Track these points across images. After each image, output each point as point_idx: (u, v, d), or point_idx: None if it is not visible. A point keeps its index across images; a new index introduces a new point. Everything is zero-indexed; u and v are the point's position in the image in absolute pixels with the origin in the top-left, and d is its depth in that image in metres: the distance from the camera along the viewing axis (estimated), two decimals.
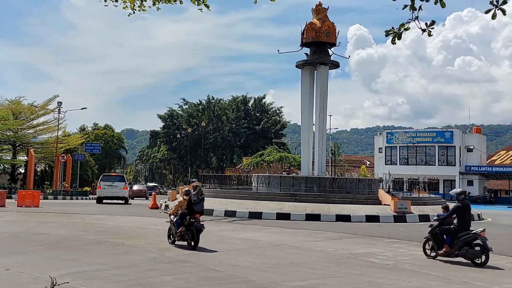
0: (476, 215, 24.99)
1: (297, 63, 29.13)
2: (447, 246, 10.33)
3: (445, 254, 10.37)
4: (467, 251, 10.02)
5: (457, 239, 10.18)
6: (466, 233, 10.15)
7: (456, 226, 10.38)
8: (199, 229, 11.27)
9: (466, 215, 10.52)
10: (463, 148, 55.34)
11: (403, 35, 5.03)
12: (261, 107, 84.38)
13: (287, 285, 7.50)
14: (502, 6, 4.56)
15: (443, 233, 10.55)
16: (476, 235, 10.04)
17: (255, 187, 27.32)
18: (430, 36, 4.96)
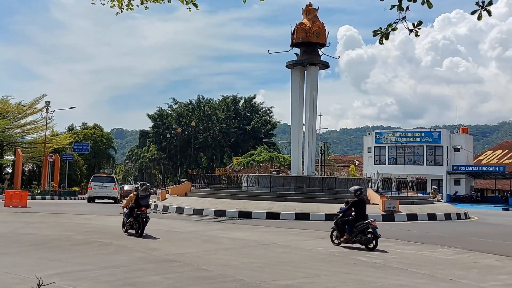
0: (463, 214, 25.24)
1: (287, 63, 29.18)
2: (347, 234, 12.13)
3: (345, 241, 12.13)
4: (361, 237, 11.83)
5: (355, 228, 11.96)
6: (361, 223, 11.93)
7: (354, 217, 12.15)
8: (144, 220, 13.40)
9: (361, 208, 12.34)
10: (450, 148, 55.78)
11: (392, 35, 5.07)
12: (252, 107, 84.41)
13: (276, 284, 7.52)
14: (487, 7, 4.62)
15: (344, 224, 12.26)
16: (368, 224, 11.86)
17: (245, 187, 27.34)
18: (417, 37, 5.01)
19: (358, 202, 12.40)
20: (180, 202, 24.69)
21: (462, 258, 10.90)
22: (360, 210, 12.29)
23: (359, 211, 12.24)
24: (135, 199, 13.75)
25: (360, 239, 11.84)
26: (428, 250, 11.94)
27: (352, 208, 12.37)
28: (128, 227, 13.83)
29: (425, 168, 54.65)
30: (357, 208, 12.29)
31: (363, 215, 12.26)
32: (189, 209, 22.86)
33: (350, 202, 12.52)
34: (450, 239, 14.66)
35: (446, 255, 11.31)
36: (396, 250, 11.88)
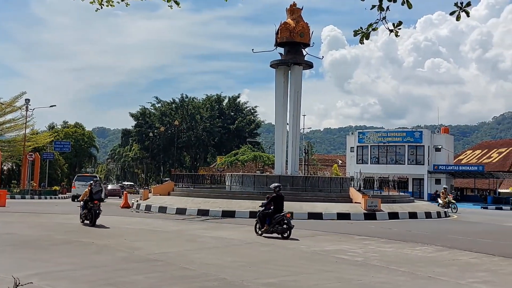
0: (443, 212, 25.59)
1: (271, 62, 29.23)
2: (267, 225, 13.73)
3: (265, 231, 13.74)
4: (277, 228, 13.52)
5: (273, 220, 13.57)
6: (278, 215, 13.56)
7: (273, 210, 13.76)
8: (96, 211, 15.81)
9: (279, 202, 13.96)
10: (431, 147, 56.41)
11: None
12: (236, 106, 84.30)
13: (259, 282, 7.56)
14: (465, 8, 4.70)
15: (264, 216, 13.88)
16: (284, 216, 13.53)
17: (228, 186, 27.34)
18: (397, 37, 5.08)
19: (276, 198, 14.04)
20: (163, 201, 24.59)
21: (441, 255, 11.06)
22: (278, 204, 13.91)
23: (277, 205, 13.87)
24: (89, 194, 16.01)
25: (277, 229, 13.55)
26: (408, 248, 12.10)
27: (271, 203, 13.96)
28: (83, 218, 16.08)
29: (406, 168, 55.19)
30: (276, 203, 13.94)
31: (280, 208, 13.87)
32: (172, 208, 22.80)
33: (270, 198, 14.12)
34: (430, 237, 14.85)
35: (426, 252, 11.47)
36: (377, 248, 12.00)
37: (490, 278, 8.37)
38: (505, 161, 61.18)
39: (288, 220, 13.50)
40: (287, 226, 13.42)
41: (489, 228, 19.88)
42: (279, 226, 13.54)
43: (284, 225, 13.44)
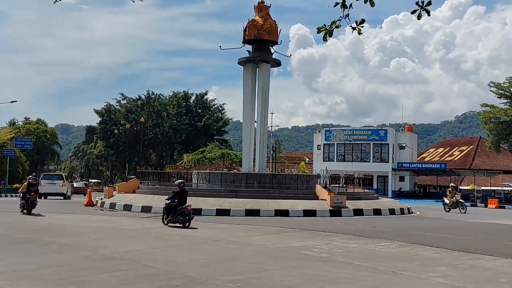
0: (406, 209, 26.12)
1: (239, 60, 29.19)
2: (171, 216, 15.69)
3: (170, 221, 15.66)
4: (179, 218, 15.45)
5: (177, 211, 15.53)
6: (180, 208, 15.48)
7: (176, 203, 15.70)
8: (32, 202, 18.71)
9: (182, 196, 15.88)
10: (396, 145, 57.50)
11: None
12: (203, 104, 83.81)
13: (224, 279, 7.55)
14: (426, 7, 4.80)
15: (169, 208, 15.84)
16: (185, 209, 15.39)
17: (195, 183, 27.21)
18: (360, 34, 5.15)
19: (180, 192, 16.06)
20: (128, 199, 24.29)
21: (404, 251, 11.29)
22: (181, 198, 15.83)
23: (180, 199, 15.79)
24: (27, 186, 18.90)
25: (179, 219, 15.48)
26: (372, 244, 12.30)
27: (175, 197, 15.97)
28: (22, 208, 18.87)
29: (371, 165, 56.09)
30: (179, 197, 15.90)
31: (183, 202, 15.72)
32: (137, 206, 22.54)
33: (175, 192, 16.27)
34: (394, 233, 15.14)
35: (389, 248, 11.69)
36: (342, 244, 12.16)
37: (449, 273, 8.58)
38: (466, 159, 62.95)
39: (189, 212, 15.42)
40: (187, 217, 15.36)
41: (450, 224, 20.38)
42: (181, 217, 15.48)
43: (186, 217, 15.36)
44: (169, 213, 15.80)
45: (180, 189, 16.15)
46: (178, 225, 15.31)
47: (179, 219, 15.43)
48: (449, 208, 27.65)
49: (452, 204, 27.39)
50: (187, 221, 15.34)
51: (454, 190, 28.56)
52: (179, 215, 15.46)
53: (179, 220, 15.43)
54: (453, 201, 27.51)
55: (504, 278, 8.20)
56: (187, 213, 15.34)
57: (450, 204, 27.60)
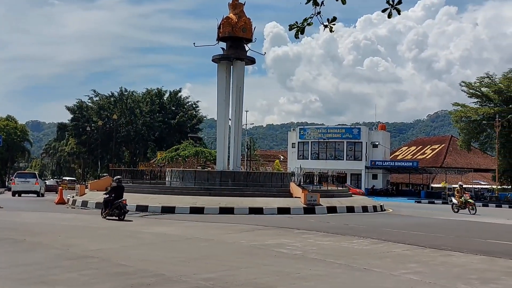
0: (379, 206, 26.43)
1: (213, 57, 29.05)
2: (108, 209, 17.15)
3: (107, 214, 17.16)
4: (115, 211, 16.98)
5: (113, 205, 17.07)
6: (116, 202, 17.03)
7: (113, 198, 17.19)
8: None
9: (118, 191, 17.48)
10: (369, 144, 58.16)
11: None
12: (177, 101, 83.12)
13: (197, 277, 7.50)
14: (397, 6, 4.83)
15: (107, 202, 17.36)
16: (120, 203, 17.01)
17: (169, 181, 27.02)
18: (332, 32, 5.16)
19: (116, 187, 17.65)
20: (100, 197, 23.77)
21: (376, 248, 11.41)
22: (117, 193, 17.38)
23: (117, 194, 17.34)
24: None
25: (115, 212, 16.96)
26: (345, 241, 12.39)
27: (112, 192, 17.54)
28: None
29: (345, 163, 56.63)
30: (116, 192, 17.46)
31: (119, 196, 17.23)
32: None
33: (111, 187, 18.00)
34: (367, 230, 15.29)
35: (362, 245, 11.80)
36: (316, 241, 12.22)
37: (421, 269, 8.70)
38: (438, 157, 64.08)
39: (124, 206, 17.00)
40: (122, 211, 16.90)
41: (421, 221, 20.70)
42: (117, 210, 16.96)
43: (121, 210, 16.89)
44: (106, 207, 17.31)
45: (117, 185, 17.81)
46: (114, 218, 16.84)
47: (115, 212, 16.99)
48: (457, 208, 25.94)
49: (461, 205, 25.68)
50: (122, 214, 16.85)
51: (462, 189, 26.70)
52: (115, 208, 17.00)
53: (115, 213, 16.98)
54: (461, 201, 25.76)
55: (474, 274, 8.35)
56: (122, 207, 16.93)
57: (458, 204, 25.88)
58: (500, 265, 9.40)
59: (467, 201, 25.64)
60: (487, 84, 51.60)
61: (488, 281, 7.83)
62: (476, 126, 51.20)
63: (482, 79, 52.04)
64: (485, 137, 52.90)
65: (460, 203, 25.76)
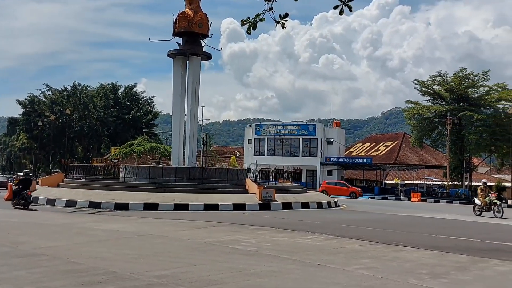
0: (333, 202, 26.85)
1: (169, 52, 28.72)
2: (16, 199, 19.61)
3: (15, 204, 19.52)
4: (21, 201, 19.23)
5: (20, 195, 19.31)
6: (23, 193, 19.31)
7: (21, 189, 19.47)
8: None
9: (26, 183, 20.04)
10: (324, 140, 58.92)
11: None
12: (132, 96, 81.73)
13: (150, 274, 7.39)
14: (348, 3, 4.86)
15: (16, 193, 19.79)
16: (25, 194, 19.22)
17: (122, 178, 26.57)
18: (284, 28, 5.15)
19: (24, 180, 20.31)
20: (52, 193, 23.30)
21: (330, 243, 11.56)
22: (24, 184, 19.84)
23: (24, 185, 19.79)
24: None
25: (20, 202, 19.17)
26: (300, 237, 12.51)
27: (21, 183, 19.93)
28: None
29: (300, 159, 57.14)
30: (23, 183, 19.96)
31: (26, 187, 19.69)
32: (61, 200, 21.69)
33: (20, 179, 21.04)
34: (321, 226, 15.50)
35: (316, 241, 11.93)
36: (270, 237, 12.28)
37: (373, 265, 8.87)
38: (391, 153, 65.64)
39: (28, 196, 19.27)
40: (27, 201, 19.14)
41: (375, 217, 21.16)
42: (22, 200, 19.17)
43: (26, 200, 19.09)
44: (15, 197, 19.69)
45: (24, 177, 20.80)
46: (21, 207, 19.06)
47: (21, 202, 19.14)
48: (480, 210, 22.51)
49: (485, 206, 22.22)
50: (27, 204, 19.11)
51: (487, 188, 23.30)
52: (21, 198, 19.18)
53: (20, 203, 19.16)
54: (486, 202, 22.23)
55: (424, 269, 8.58)
56: (27, 197, 19.18)
57: (482, 205, 22.40)
58: (450, 260, 9.69)
59: (493, 201, 22.12)
60: (439, 83, 53.15)
61: (438, 275, 8.06)
62: (428, 123, 52.69)
63: (434, 78, 53.57)
64: (436, 135, 54.49)
65: (484, 204, 22.27)
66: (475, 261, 9.60)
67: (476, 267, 8.94)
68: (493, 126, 48.32)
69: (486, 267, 9.00)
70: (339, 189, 43.14)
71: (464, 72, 52.02)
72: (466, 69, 52.47)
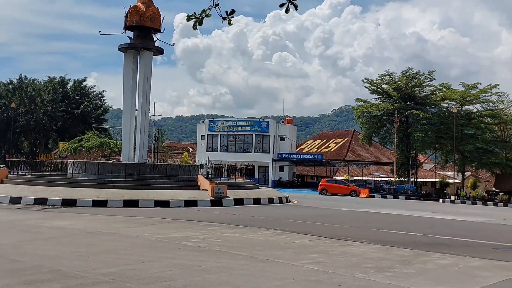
0: (284, 198, 27.13)
1: (119, 46, 28.16)
2: None
3: None
4: None
5: None
6: None
7: None
8: None
9: None
10: (276, 137, 59.44)
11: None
12: (82, 90, 79.50)
13: (96, 272, 7.27)
14: (294, 1, 4.91)
15: None
16: None
17: (70, 174, 25.88)
18: (231, 25, 5.18)
19: None
20: None
21: (280, 239, 11.71)
22: None
23: None
24: None
25: None
26: (250, 233, 12.60)
27: None
28: None
29: (253, 156, 57.44)
30: None
31: None
32: (4, 197, 20.89)
33: None
34: (271, 222, 15.65)
35: (266, 236, 12.06)
36: (221, 233, 12.31)
37: (321, 259, 9.05)
38: (341, 150, 66.96)
39: None
40: None
41: (324, 212, 21.55)
42: None
43: None
44: None
45: None
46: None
47: None
48: None
49: None
50: None
51: None
52: None
53: None
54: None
55: (370, 263, 8.84)
56: None
57: None
58: (395, 254, 10.03)
59: None
60: (387, 82, 54.66)
61: (383, 269, 8.32)
62: (377, 121, 54.09)
63: (383, 77, 55.04)
64: (385, 132, 56.03)
65: None
66: (418, 255, 9.97)
67: (419, 261, 9.29)
68: (437, 125, 50.18)
69: (428, 260, 9.36)
70: (339, 188, 43.83)
71: (411, 71, 53.77)
72: (413, 69, 54.40)
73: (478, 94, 52.04)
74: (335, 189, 43.03)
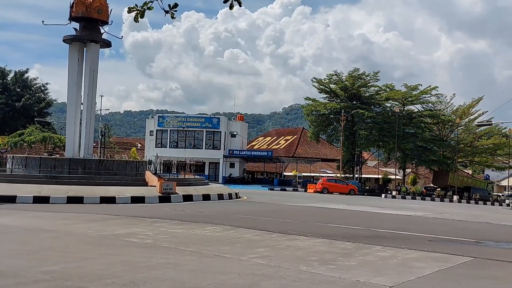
0: (234, 194, 27.15)
1: (64, 37, 27.23)
2: None
3: None
4: None
5: None
6: None
7: None
8: None
9: None
10: (228, 133, 59.43)
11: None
12: (23, 82, 76.55)
13: (36, 270, 6.97)
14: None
15: None
16: None
17: (10, 169, 24.87)
18: (174, 19, 5.08)
19: None
20: None
21: (228, 234, 11.67)
22: None
23: None
24: None
25: None
26: (198, 229, 12.49)
27: None
28: None
29: (204, 152, 57.18)
30: None
31: None
32: None
33: None
34: (220, 218, 15.60)
35: (214, 232, 11.99)
36: (168, 230, 12.14)
37: (268, 253, 9.08)
38: (291, 147, 67.76)
39: None
40: None
41: (273, 207, 21.71)
42: None
43: None
44: None
45: None
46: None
47: None
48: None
49: None
50: None
51: None
52: None
53: None
54: None
55: (314, 256, 8.96)
56: None
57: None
58: (338, 247, 10.22)
59: None
60: (335, 81, 55.84)
61: (327, 262, 8.45)
62: (325, 119, 55.16)
63: (331, 77, 56.16)
64: (332, 130, 57.21)
65: None
66: (360, 248, 10.21)
67: (360, 253, 9.50)
68: (381, 123, 51.87)
69: (369, 253, 9.60)
70: (339, 187, 44.21)
71: (357, 72, 55.21)
72: (359, 70, 55.99)
73: (419, 95, 54.37)
74: (336, 188, 43.79)
